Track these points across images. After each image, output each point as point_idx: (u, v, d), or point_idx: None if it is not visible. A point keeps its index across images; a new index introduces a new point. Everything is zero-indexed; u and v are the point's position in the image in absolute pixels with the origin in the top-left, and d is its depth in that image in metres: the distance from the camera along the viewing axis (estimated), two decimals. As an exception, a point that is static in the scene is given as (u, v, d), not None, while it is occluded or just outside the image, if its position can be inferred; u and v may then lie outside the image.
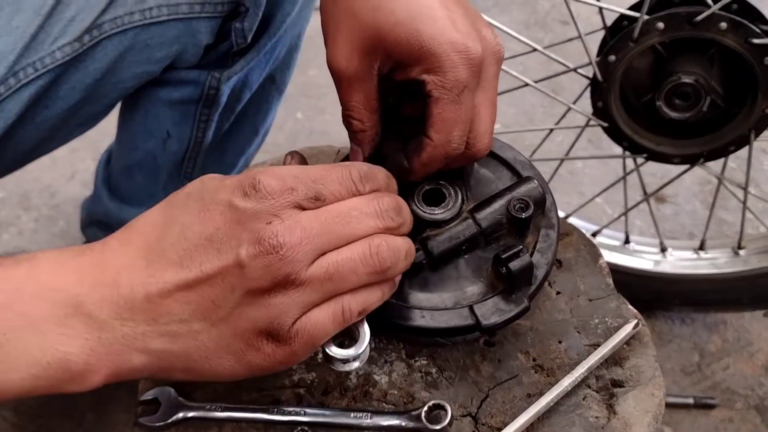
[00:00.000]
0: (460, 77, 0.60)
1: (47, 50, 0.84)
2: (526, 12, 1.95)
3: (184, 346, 0.53)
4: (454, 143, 0.62)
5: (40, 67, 0.84)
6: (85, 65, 0.88)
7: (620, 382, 0.67)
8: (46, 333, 0.51)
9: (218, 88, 1.03)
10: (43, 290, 0.52)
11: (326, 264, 0.53)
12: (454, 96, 0.60)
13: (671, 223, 1.52)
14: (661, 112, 1.07)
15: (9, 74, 0.82)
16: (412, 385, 0.66)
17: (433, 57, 0.59)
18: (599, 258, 0.75)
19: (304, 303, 0.52)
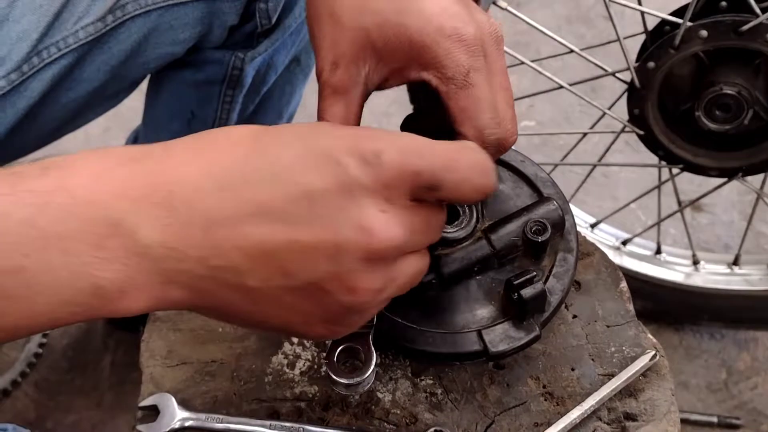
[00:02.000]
0: (460, 62, 0.54)
1: (71, 30, 0.84)
2: (569, 7, 1.89)
3: (231, 297, 0.45)
4: (489, 128, 0.55)
5: (64, 47, 0.84)
6: (109, 46, 0.88)
7: (633, 416, 0.64)
8: (77, 254, 0.42)
9: (242, 69, 1.02)
10: (77, 204, 0.42)
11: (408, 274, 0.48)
12: (462, 81, 0.54)
13: (706, 234, 1.48)
14: (700, 123, 1.03)
15: (33, 53, 0.82)
16: (415, 406, 0.64)
17: (426, 50, 0.54)
18: (620, 282, 0.72)
19: (382, 303, 0.48)
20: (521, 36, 1.75)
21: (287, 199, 0.43)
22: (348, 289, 0.45)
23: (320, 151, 0.44)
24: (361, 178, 0.43)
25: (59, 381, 1.33)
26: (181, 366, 0.67)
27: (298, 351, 0.67)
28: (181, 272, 0.44)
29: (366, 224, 0.44)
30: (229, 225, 0.43)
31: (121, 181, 0.43)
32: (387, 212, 0.44)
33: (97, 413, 1.29)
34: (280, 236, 0.43)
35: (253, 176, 0.43)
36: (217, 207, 0.43)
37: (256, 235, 0.43)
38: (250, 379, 0.66)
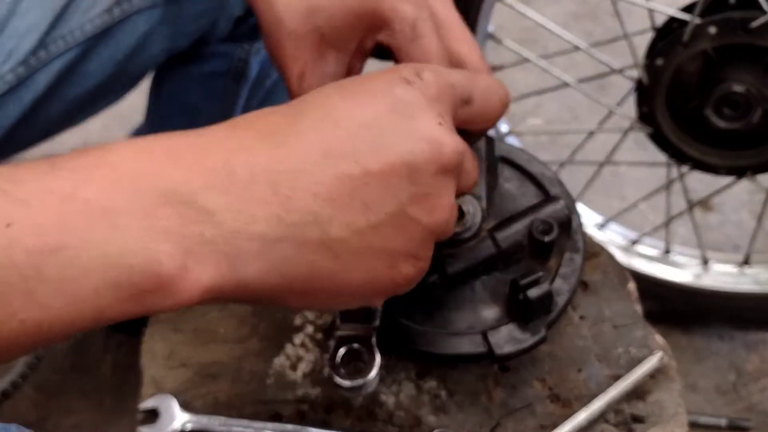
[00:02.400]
0: (405, 14, 0.57)
1: (78, 23, 0.84)
2: (576, 2, 1.88)
3: (313, 258, 0.42)
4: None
5: (71, 40, 0.84)
6: (115, 39, 0.87)
7: (641, 418, 0.63)
8: (126, 228, 0.37)
9: (247, 61, 1.02)
10: (121, 177, 0.38)
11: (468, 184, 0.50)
12: (410, 34, 0.57)
13: (716, 233, 1.46)
14: (709, 121, 1.01)
15: (40, 46, 0.82)
16: (419, 408, 0.63)
17: (372, 15, 0.57)
18: (628, 282, 0.71)
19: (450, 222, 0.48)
20: (528, 32, 1.73)
21: (348, 136, 0.42)
22: (430, 209, 0.45)
23: (366, 88, 0.45)
24: (410, 96, 0.45)
25: (60, 382, 1.33)
26: (182, 367, 0.66)
27: (300, 352, 0.66)
28: (252, 238, 0.39)
29: (431, 136, 0.44)
30: (299, 175, 0.41)
31: (168, 152, 0.40)
32: (443, 125, 0.45)
33: (98, 415, 1.29)
34: (355, 171, 0.42)
35: (307, 126, 0.43)
36: (280, 161, 0.41)
37: (330, 176, 0.41)
38: (252, 380, 0.65)
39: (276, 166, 0.41)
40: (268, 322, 0.68)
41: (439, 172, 0.44)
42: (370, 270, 0.44)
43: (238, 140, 0.42)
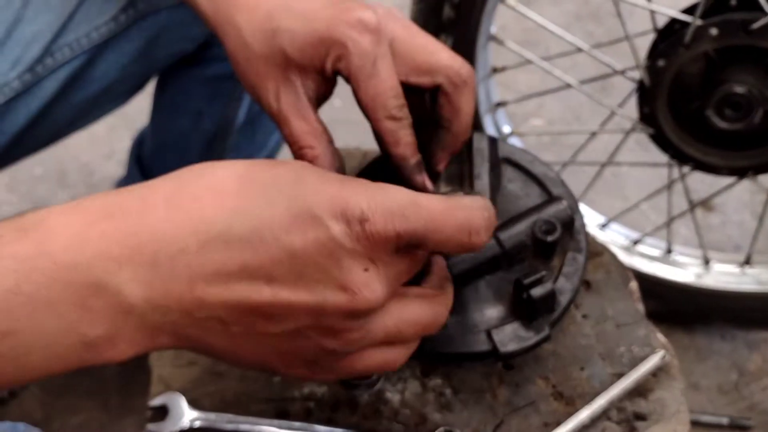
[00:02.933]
0: (366, 49, 0.57)
1: (84, 30, 0.85)
2: (578, 4, 1.88)
3: (215, 341, 0.47)
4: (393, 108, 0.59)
5: (77, 48, 0.85)
6: (121, 45, 0.88)
7: (643, 415, 0.64)
8: (64, 315, 0.43)
9: None
10: (59, 269, 0.43)
11: (395, 320, 0.48)
12: (369, 69, 0.58)
13: (718, 234, 1.47)
14: (710, 122, 1.02)
15: (46, 54, 0.83)
16: (424, 406, 0.64)
17: (333, 42, 0.58)
18: (630, 281, 0.72)
19: (360, 346, 0.49)
20: (530, 34, 1.74)
21: (271, 259, 0.44)
22: (329, 335, 0.47)
23: (305, 211, 0.44)
24: (344, 240, 0.44)
25: (66, 382, 1.33)
26: (190, 366, 0.67)
27: (306, 351, 0.67)
28: (165, 323, 0.45)
29: (348, 284, 0.45)
30: (213, 282, 0.44)
31: (101, 241, 0.44)
32: (369, 271, 0.45)
33: (104, 414, 1.29)
34: (264, 294, 0.44)
35: (237, 235, 0.44)
36: (201, 264, 0.44)
37: (240, 292, 0.44)
38: (259, 378, 0.66)
39: (196, 269, 0.44)
40: (275, 321, 0.68)
41: (347, 316, 0.46)
42: (267, 361, 0.49)
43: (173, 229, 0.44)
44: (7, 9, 0.80)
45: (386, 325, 0.48)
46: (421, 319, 0.50)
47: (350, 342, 0.47)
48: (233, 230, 0.44)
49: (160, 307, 0.44)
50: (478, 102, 1.17)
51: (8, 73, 0.81)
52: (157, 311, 0.44)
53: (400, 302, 0.49)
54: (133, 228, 0.44)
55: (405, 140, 0.60)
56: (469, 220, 0.48)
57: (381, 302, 0.46)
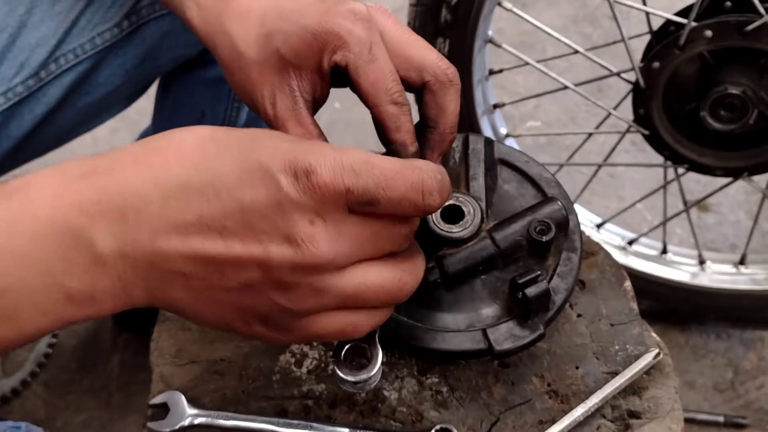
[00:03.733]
0: (361, 36, 0.58)
1: (87, 36, 0.86)
2: (575, 6, 1.90)
3: (180, 296, 0.49)
4: (394, 93, 0.59)
5: (81, 54, 0.86)
6: (124, 51, 0.89)
7: (637, 414, 0.65)
8: (49, 269, 0.46)
9: None
10: (41, 225, 0.46)
11: (355, 283, 0.49)
12: (367, 55, 0.58)
13: (713, 233, 1.48)
14: (705, 123, 1.03)
15: (50, 60, 0.84)
16: (421, 404, 0.65)
17: (328, 35, 0.58)
18: (624, 281, 0.73)
19: (317, 307, 0.49)
20: (527, 36, 1.76)
21: (223, 211, 0.46)
22: (279, 289, 0.48)
23: (257, 165, 0.46)
24: (292, 193, 0.45)
25: (68, 381, 1.34)
26: (191, 365, 0.68)
27: (305, 350, 0.68)
28: (136, 276, 0.47)
29: (292, 236, 0.46)
30: (173, 234, 0.46)
31: (76, 198, 0.47)
32: (316, 225, 0.46)
33: (106, 413, 1.30)
34: (217, 246, 0.46)
35: (194, 187, 0.46)
36: (162, 216, 0.46)
37: (195, 243, 0.46)
38: (258, 377, 0.66)
39: (158, 221, 0.46)
40: (274, 320, 0.69)
41: (294, 268, 0.46)
42: (226, 318, 0.50)
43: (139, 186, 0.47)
44: (11, 15, 0.81)
45: (343, 287, 0.48)
46: (384, 285, 0.50)
47: (301, 299, 0.48)
48: (191, 183, 0.46)
49: (129, 259, 0.47)
50: (475, 104, 1.18)
51: (13, 78, 0.82)
52: (127, 263, 0.47)
53: (361, 266, 0.49)
54: (104, 184, 0.47)
55: (406, 127, 0.60)
56: (422, 180, 0.48)
57: (327, 257, 0.46)
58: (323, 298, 0.48)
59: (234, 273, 0.47)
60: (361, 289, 0.49)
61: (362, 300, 0.50)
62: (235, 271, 0.47)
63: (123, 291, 0.48)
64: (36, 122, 0.87)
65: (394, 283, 0.50)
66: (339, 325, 0.51)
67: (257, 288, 0.48)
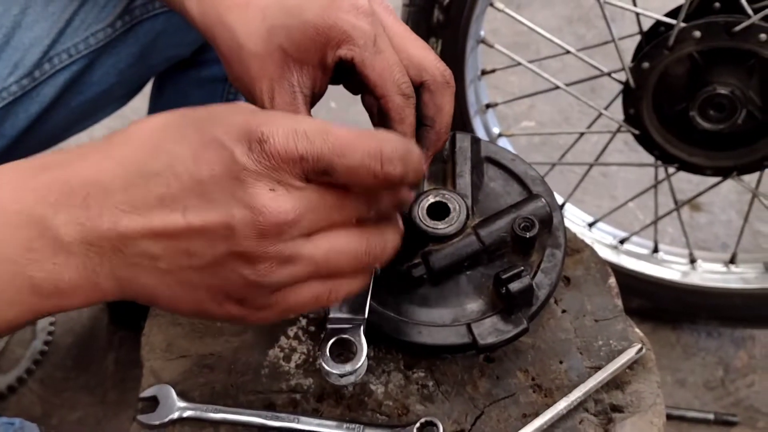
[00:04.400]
0: (366, 29, 0.59)
1: (81, 36, 0.86)
2: (570, 7, 1.91)
3: (149, 282, 0.49)
4: (402, 84, 0.60)
5: (75, 53, 0.87)
6: (118, 50, 0.90)
7: (620, 408, 0.66)
8: (12, 258, 0.47)
9: None
10: (5, 214, 0.47)
11: (324, 249, 0.49)
12: (373, 47, 0.59)
13: (705, 233, 1.49)
14: (694, 123, 1.04)
15: (44, 59, 0.85)
16: (407, 397, 0.66)
17: (332, 29, 0.59)
18: (609, 277, 0.74)
19: (288, 278, 0.49)
20: (520, 37, 1.77)
21: (183, 189, 0.47)
22: (245, 261, 0.48)
23: (212, 139, 0.47)
24: (247, 163, 0.46)
25: (64, 378, 1.35)
26: (180, 359, 0.69)
27: (294, 344, 0.69)
28: (103, 265, 0.48)
29: (253, 204, 0.46)
30: (134, 215, 0.47)
31: (40, 190, 0.48)
32: (276, 191, 0.46)
33: (101, 409, 1.31)
34: (179, 222, 0.47)
35: (153, 171, 0.47)
36: (124, 201, 0.47)
37: (157, 222, 0.47)
38: (247, 371, 0.67)
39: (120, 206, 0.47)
40: (263, 315, 0.70)
41: (258, 235, 0.47)
42: (197, 300, 0.50)
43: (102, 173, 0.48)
44: (6, 15, 0.82)
45: (312, 253, 0.48)
46: (353, 248, 0.50)
47: (271, 271, 0.48)
48: (151, 167, 0.47)
49: (94, 247, 0.47)
50: (467, 104, 1.19)
51: (7, 78, 0.83)
52: (92, 251, 0.47)
53: (329, 233, 0.49)
54: (67, 176, 0.48)
55: (409, 120, 0.61)
56: (380, 147, 0.47)
57: (289, 220, 0.47)
58: (293, 266, 0.48)
59: (200, 248, 0.47)
60: (331, 256, 0.49)
61: (333, 266, 0.50)
62: (200, 246, 0.47)
63: (90, 282, 0.48)
64: (30, 121, 0.87)
65: (362, 246, 0.50)
66: (313, 293, 0.51)
67: (226, 264, 0.47)
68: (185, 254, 0.47)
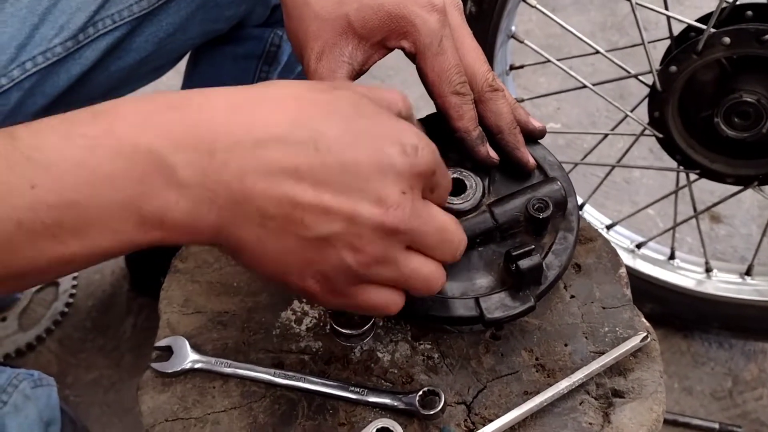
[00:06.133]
0: (434, 28, 0.61)
1: (126, 3, 0.90)
2: (604, 14, 1.91)
3: (249, 236, 0.50)
4: (458, 85, 0.64)
5: (118, 20, 0.90)
6: (159, 19, 0.93)
7: (621, 393, 0.67)
8: (123, 189, 0.47)
9: (280, 46, 1.07)
10: (122, 146, 0.47)
11: (413, 266, 0.53)
12: (436, 47, 0.62)
13: (723, 245, 1.48)
14: (718, 129, 1.05)
15: (89, 23, 0.88)
16: (413, 367, 0.68)
17: (404, 19, 0.61)
18: (620, 267, 0.75)
19: (377, 277, 0.52)
20: (553, 39, 1.78)
21: (322, 165, 0.48)
22: (352, 249, 0.50)
23: (363, 132, 0.50)
24: (398, 165, 0.50)
25: (82, 339, 1.38)
26: (196, 314, 0.71)
27: (306, 308, 0.71)
28: (211, 210, 0.48)
29: (384, 199, 0.49)
30: (264, 176, 0.48)
31: (164, 126, 0.48)
32: (406, 194, 0.50)
33: (116, 372, 1.34)
34: (308, 195, 0.48)
35: (294, 140, 0.48)
36: (255, 159, 0.48)
37: (287, 188, 0.48)
38: (259, 330, 0.70)
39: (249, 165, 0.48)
40: (279, 278, 0.73)
41: (376, 227, 0.50)
42: (284, 266, 0.51)
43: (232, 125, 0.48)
44: None
45: (405, 266, 0.52)
46: (429, 278, 0.54)
47: (368, 264, 0.51)
48: (291, 136, 0.48)
49: (209, 193, 0.48)
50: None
51: (52, 39, 0.86)
52: (206, 197, 0.48)
53: (419, 255, 0.54)
54: (195, 120, 0.48)
55: (468, 114, 0.65)
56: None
57: (407, 226, 0.50)
58: (386, 268, 0.52)
59: (316, 224, 0.49)
60: (414, 275, 0.53)
61: (410, 283, 0.54)
62: (318, 221, 0.49)
63: (193, 223, 0.49)
64: (71, 83, 0.90)
65: (434, 279, 0.55)
66: (383, 300, 0.54)
67: (332, 244, 0.50)
68: (299, 224, 0.49)
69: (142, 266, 1.41)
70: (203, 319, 0.71)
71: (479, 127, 0.66)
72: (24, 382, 1.01)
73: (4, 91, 0.83)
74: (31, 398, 1.01)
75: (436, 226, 0.53)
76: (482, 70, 0.66)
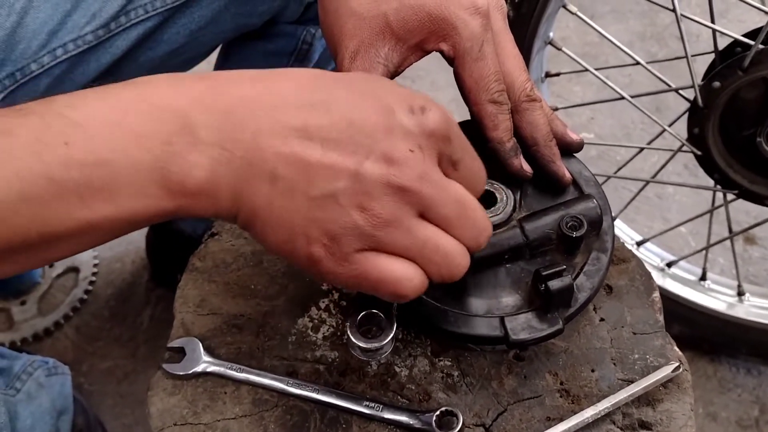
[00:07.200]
0: (476, 32, 0.60)
1: None
2: (644, 23, 1.86)
3: (260, 200, 0.50)
4: (495, 93, 0.62)
5: (151, 10, 0.88)
6: (191, 11, 0.91)
7: (648, 425, 0.64)
8: (151, 149, 0.48)
9: (312, 44, 1.05)
10: (153, 109, 0.49)
11: (428, 234, 0.51)
12: (477, 53, 0.60)
13: (757, 267, 1.44)
14: (760, 149, 1.01)
15: (121, 12, 0.87)
16: (431, 384, 0.65)
17: (444, 22, 0.59)
18: (653, 291, 0.71)
19: (386, 239, 0.50)
20: (591, 48, 1.74)
21: (330, 123, 0.49)
22: (359, 207, 0.49)
23: (374, 96, 0.50)
24: (405, 122, 0.49)
25: (99, 328, 1.38)
26: (211, 315, 0.69)
27: (323, 316, 0.69)
28: (228, 173, 0.49)
29: (390, 155, 0.49)
30: (275, 136, 0.49)
31: (194, 93, 0.50)
32: (414, 152, 0.49)
33: (131, 362, 1.34)
34: (315, 152, 0.49)
35: (306, 102, 0.50)
36: (269, 122, 0.49)
37: (295, 146, 0.49)
38: (275, 336, 0.68)
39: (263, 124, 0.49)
40: (298, 283, 0.70)
41: (383, 184, 0.49)
42: (291, 230, 0.51)
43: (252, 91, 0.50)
44: None
45: (416, 232, 0.50)
46: (449, 251, 0.52)
47: (375, 222, 0.49)
48: (304, 98, 0.50)
49: (226, 152, 0.49)
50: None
51: (84, 27, 0.85)
52: (224, 157, 0.49)
53: (434, 227, 0.51)
54: (219, 88, 0.51)
55: (504, 124, 0.63)
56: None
57: (415, 184, 0.49)
58: (395, 231, 0.50)
59: (323, 180, 0.49)
60: (429, 244, 0.51)
61: (425, 255, 0.51)
62: (324, 178, 0.49)
63: (212, 188, 0.50)
64: (100, 71, 0.89)
65: (454, 255, 0.52)
66: (395, 273, 0.51)
67: (339, 201, 0.49)
68: (306, 181, 0.49)
69: (162, 257, 1.41)
70: (218, 321, 0.69)
71: (514, 138, 0.64)
72: (39, 369, 1.01)
73: (34, 77, 0.82)
74: (44, 386, 1.00)
75: (453, 198, 0.51)
76: (521, 79, 0.64)
